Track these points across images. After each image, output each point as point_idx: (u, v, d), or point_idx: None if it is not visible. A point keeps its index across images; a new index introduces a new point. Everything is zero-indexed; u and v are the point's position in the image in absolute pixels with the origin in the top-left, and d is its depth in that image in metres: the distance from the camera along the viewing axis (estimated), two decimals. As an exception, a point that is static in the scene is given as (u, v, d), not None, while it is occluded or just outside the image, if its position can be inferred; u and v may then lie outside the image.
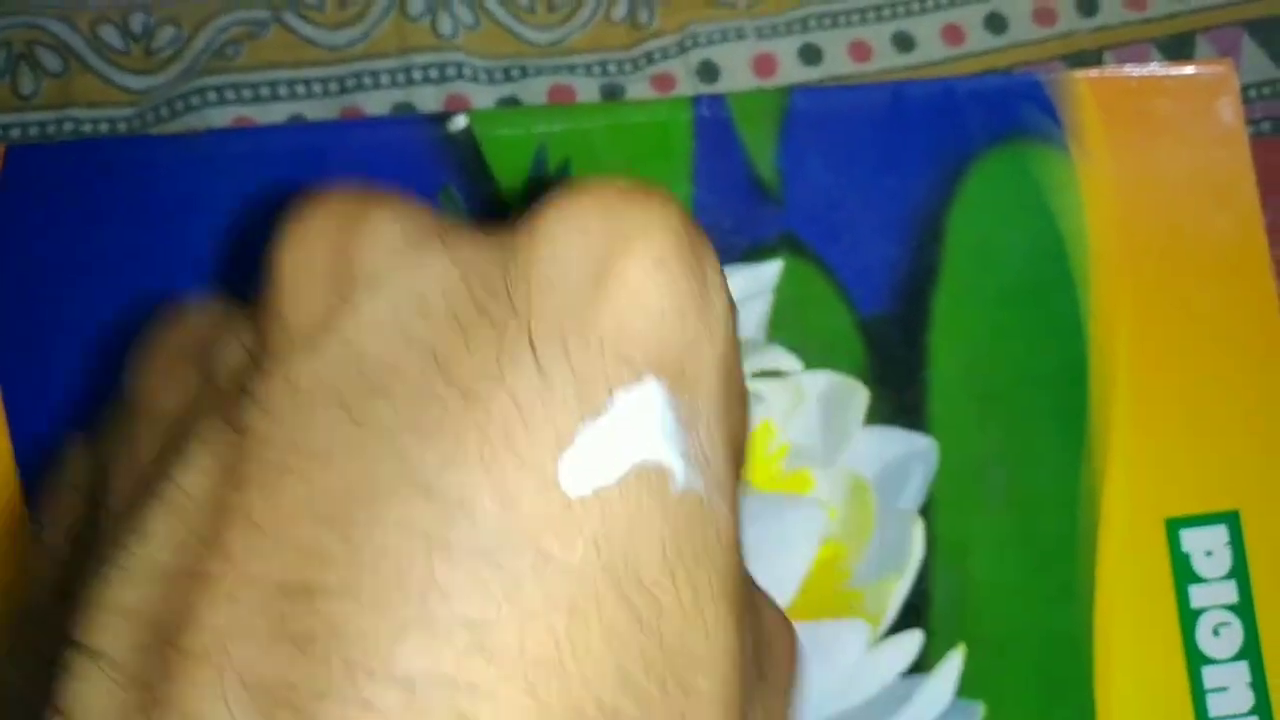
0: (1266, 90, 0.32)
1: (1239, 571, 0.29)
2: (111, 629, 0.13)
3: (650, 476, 0.13)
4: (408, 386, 0.13)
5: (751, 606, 0.16)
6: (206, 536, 0.13)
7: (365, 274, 0.14)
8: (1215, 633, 0.29)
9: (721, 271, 0.15)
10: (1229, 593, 0.29)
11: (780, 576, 0.29)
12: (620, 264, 0.14)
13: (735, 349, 0.15)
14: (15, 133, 0.30)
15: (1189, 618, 0.29)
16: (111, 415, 0.17)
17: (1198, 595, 0.29)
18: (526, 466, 0.13)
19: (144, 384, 0.16)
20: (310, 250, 0.15)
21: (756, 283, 0.30)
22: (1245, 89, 0.31)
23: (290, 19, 0.30)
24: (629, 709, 0.13)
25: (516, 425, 0.13)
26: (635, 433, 0.13)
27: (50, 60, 0.30)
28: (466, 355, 0.14)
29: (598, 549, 0.13)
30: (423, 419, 0.13)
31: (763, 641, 0.16)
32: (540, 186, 0.29)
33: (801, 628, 0.30)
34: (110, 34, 0.30)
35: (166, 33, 0.30)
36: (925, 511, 0.29)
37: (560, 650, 0.12)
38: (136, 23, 0.30)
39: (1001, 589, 0.29)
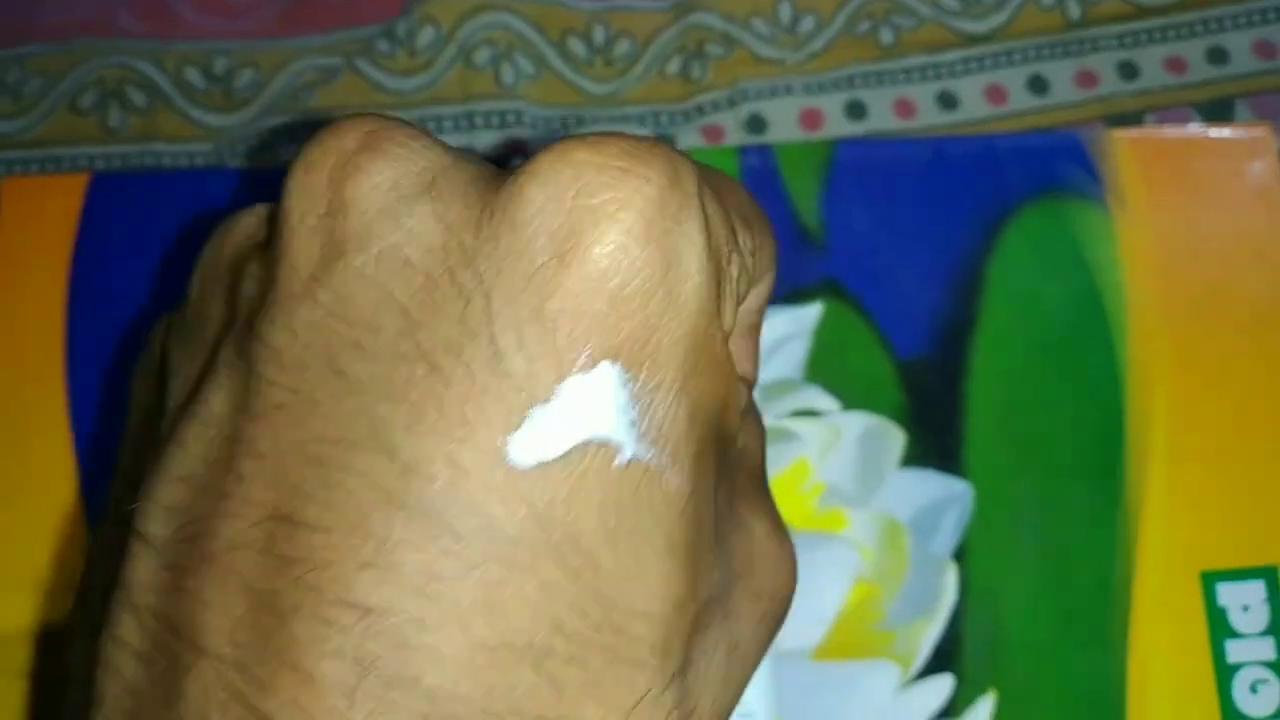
0: (1306, 154, 0.32)
1: (1277, 628, 0.29)
2: (158, 520, 0.15)
3: (595, 451, 0.14)
4: (383, 345, 0.15)
5: (737, 528, 0.17)
6: (224, 456, 0.15)
7: (357, 225, 0.15)
8: (1253, 690, 0.29)
9: (704, 233, 0.15)
10: (1267, 649, 0.29)
11: (812, 615, 0.29)
12: (585, 242, 0.14)
13: (709, 316, 0.15)
14: (100, 164, 0.32)
15: (1225, 673, 0.29)
16: (175, 313, 0.19)
17: (1235, 650, 0.29)
18: (477, 440, 0.14)
19: (196, 290, 0.18)
20: (313, 192, 0.16)
21: (797, 324, 0.31)
22: (1284, 152, 0.32)
23: (363, 65, 0.32)
24: (561, 647, 0.14)
25: (470, 401, 0.14)
26: (582, 414, 0.14)
27: (137, 98, 0.32)
28: (434, 322, 0.14)
29: (537, 516, 0.14)
30: (393, 380, 0.14)
31: (743, 570, 0.17)
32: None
33: (832, 668, 0.30)
34: (193, 75, 0.32)
35: (245, 75, 0.32)
36: (959, 556, 0.30)
37: (494, 597, 0.14)
38: (219, 65, 0.32)
39: (1034, 637, 0.29)
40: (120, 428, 0.24)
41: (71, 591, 0.27)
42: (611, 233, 0.15)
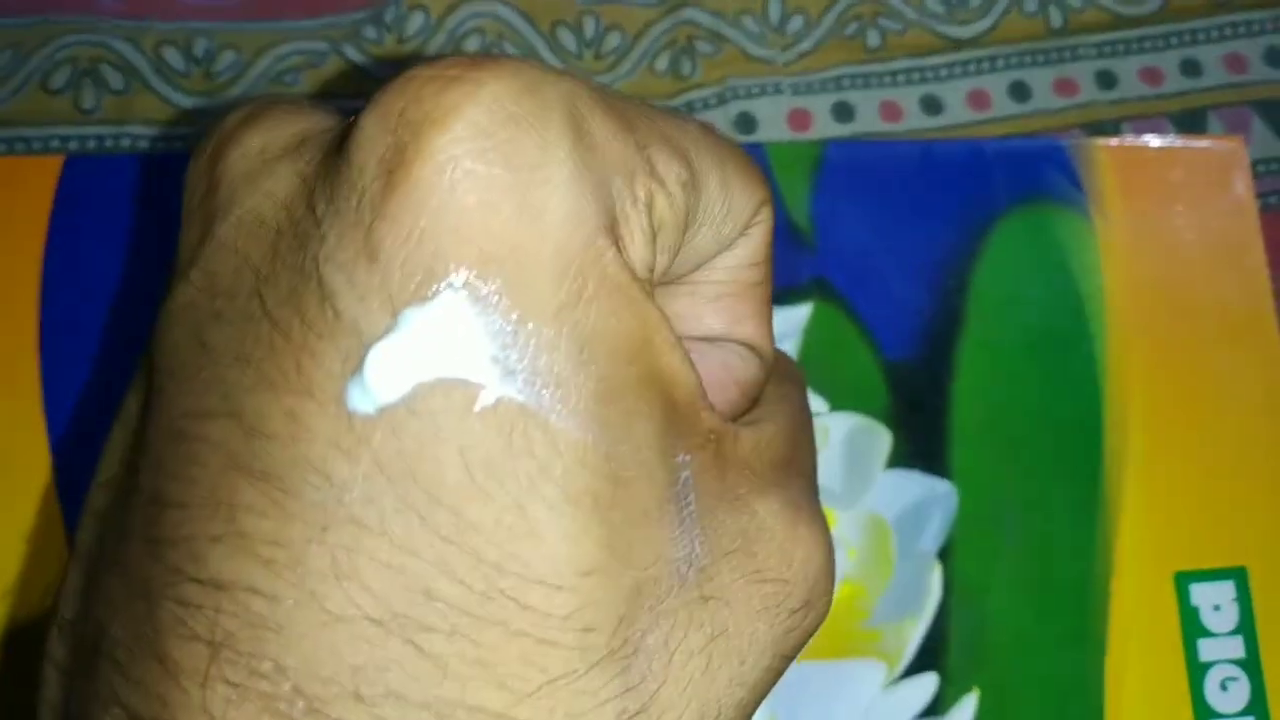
0: (1275, 166, 0.33)
1: (1246, 627, 0.30)
2: (88, 528, 0.15)
3: (449, 391, 0.13)
4: (235, 310, 0.14)
5: (731, 507, 0.15)
6: (132, 454, 0.15)
7: (224, 195, 0.14)
8: (1223, 687, 0.30)
9: (569, 143, 0.13)
10: (1237, 648, 0.30)
11: (800, 613, 0.29)
12: (409, 159, 0.13)
13: (588, 235, 0.13)
14: (74, 144, 0.30)
15: (1198, 671, 0.30)
16: None
17: (1206, 649, 0.30)
18: (313, 390, 0.13)
19: None
20: (196, 176, 0.15)
21: (786, 324, 0.31)
22: (1254, 164, 0.32)
23: (349, 51, 0.32)
24: (434, 618, 0.13)
25: (305, 349, 0.13)
26: (423, 347, 0.13)
27: (113, 78, 0.31)
28: (277, 275, 0.13)
29: (382, 469, 0.13)
30: (243, 343, 0.13)
31: (729, 548, 0.15)
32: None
33: (818, 667, 0.30)
34: (173, 56, 0.31)
35: (227, 57, 0.31)
36: (944, 555, 0.30)
37: (342, 564, 0.12)
38: (199, 46, 0.31)
39: (1016, 633, 0.30)
40: (97, 417, 0.23)
41: (49, 594, 0.26)
42: (439, 143, 0.13)
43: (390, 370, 0.13)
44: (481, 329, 0.13)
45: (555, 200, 0.13)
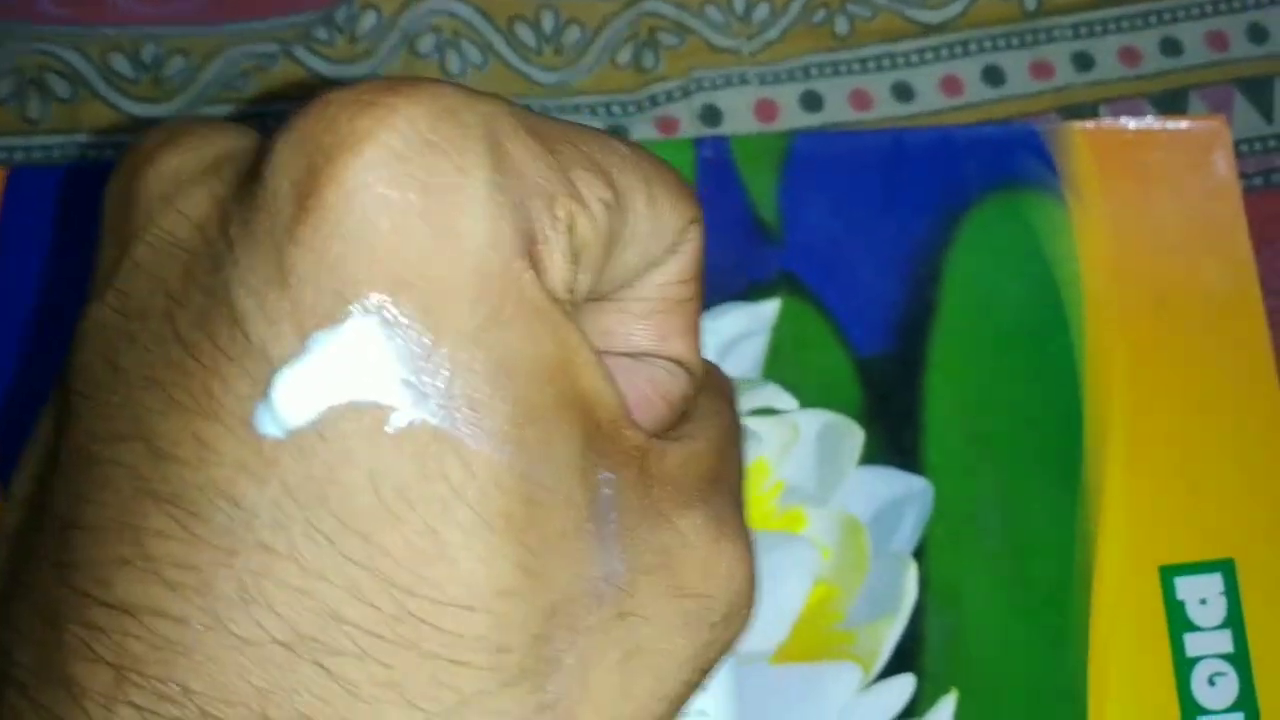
0: (1258, 146, 0.32)
1: (1234, 620, 0.29)
2: (2, 553, 0.15)
3: (359, 415, 0.13)
4: (148, 333, 0.14)
5: (653, 524, 0.15)
6: (45, 475, 0.15)
7: (139, 216, 0.14)
8: (1211, 682, 0.29)
9: (488, 166, 0.13)
10: (1224, 642, 0.29)
11: (772, 617, 0.29)
12: (321, 184, 0.13)
13: (505, 258, 0.13)
14: (20, 155, 0.30)
15: (1184, 667, 0.29)
16: None
17: (1193, 644, 0.29)
18: (221, 414, 0.13)
19: None
20: (114, 195, 0.15)
21: (754, 321, 0.30)
22: (1237, 144, 0.32)
23: (300, 53, 0.31)
24: (347, 643, 0.13)
25: (215, 373, 0.13)
26: (331, 372, 0.13)
27: (59, 86, 0.30)
28: (188, 297, 0.14)
29: (291, 492, 0.13)
30: (154, 366, 0.14)
31: (650, 566, 0.15)
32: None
33: (792, 670, 0.30)
34: (120, 62, 0.31)
35: (176, 63, 0.31)
36: (919, 554, 0.29)
37: (250, 588, 0.13)
38: (147, 52, 0.31)
39: (995, 633, 0.29)
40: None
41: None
42: (351, 168, 0.13)
43: (299, 394, 0.13)
44: (393, 353, 0.13)
45: (471, 223, 0.13)
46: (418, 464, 0.13)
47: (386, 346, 0.13)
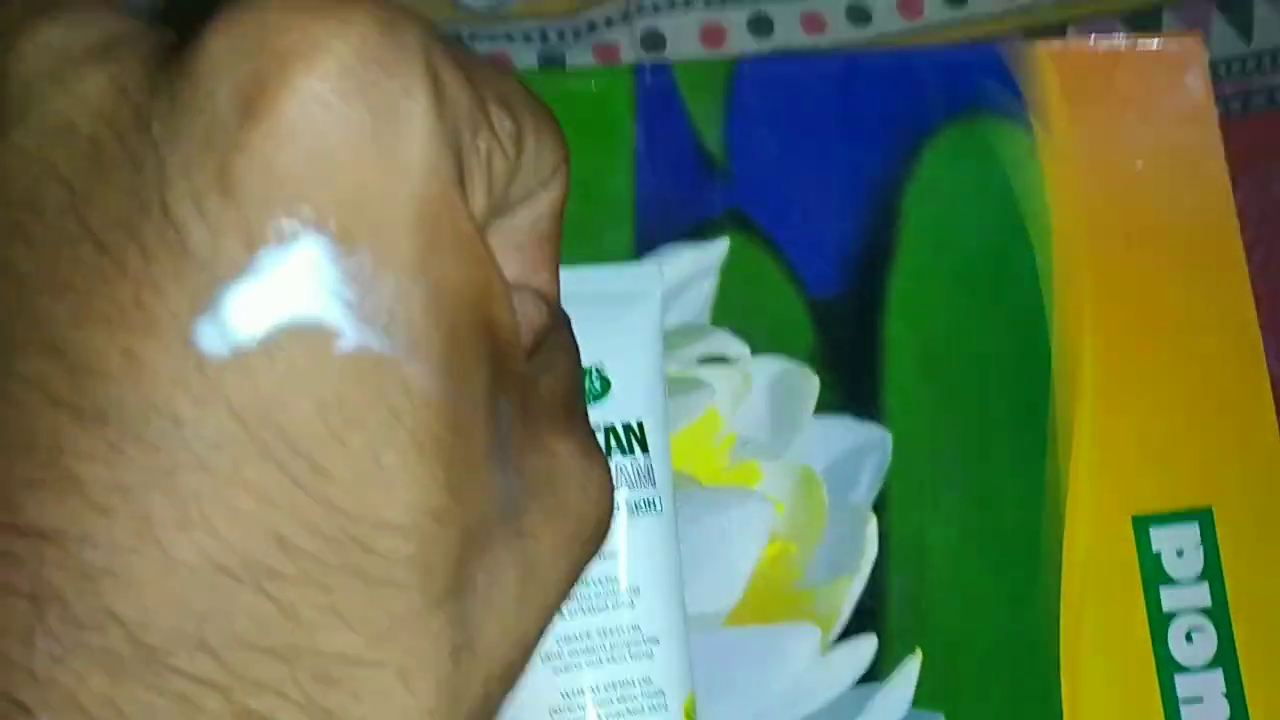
0: (1236, 67, 0.30)
1: (1212, 573, 0.28)
2: None
3: (305, 337, 0.13)
4: (45, 228, 0.13)
5: (535, 449, 0.15)
6: None
7: (17, 93, 0.13)
8: (1188, 638, 0.27)
9: (429, 92, 0.13)
10: (1202, 596, 0.28)
11: (725, 576, 0.27)
12: (272, 92, 0.12)
13: (443, 186, 0.13)
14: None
15: (1160, 622, 0.28)
16: None
17: (1169, 598, 0.28)
18: (158, 329, 0.12)
19: None
20: None
21: (702, 262, 0.28)
22: (1214, 65, 0.30)
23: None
24: (290, 568, 0.13)
25: (146, 282, 0.12)
26: (284, 293, 0.12)
27: None
28: (101, 195, 0.13)
29: (237, 414, 0.12)
30: (57, 268, 0.13)
31: (540, 488, 0.15)
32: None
33: (748, 632, 0.28)
34: None
35: None
36: (879, 507, 0.28)
37: (194, 513, 0.12)
38: None
39: (961, 590, 0.27)
40: None
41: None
42: (306, 79, 0.13)
43: (248, 311, 0.12)
44: (340, 275, 0.13)
45: (416, 150, 0.13)
46: (362, 389, 0.13)
47: (333, 268, 0.13)
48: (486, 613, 0.14)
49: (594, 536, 0.16)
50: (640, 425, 0.26)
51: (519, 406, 0.15)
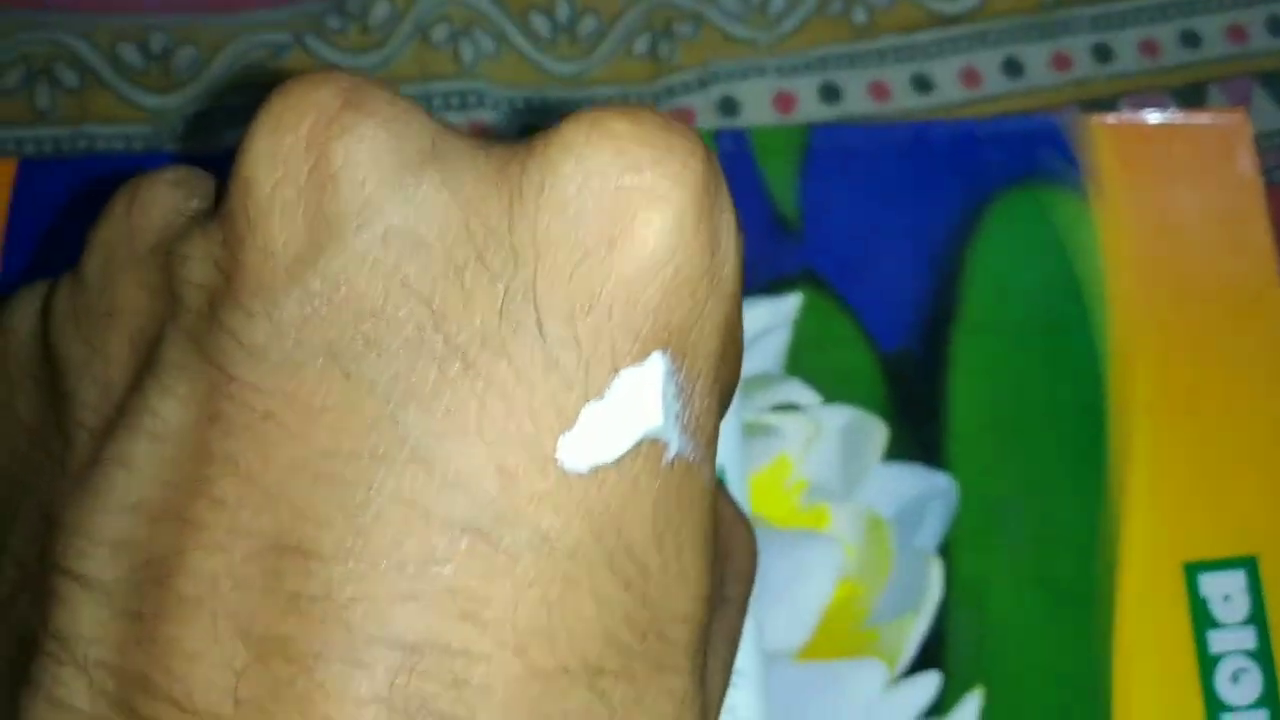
0: (1277, 139, 0.32)
1: (1258, 617, 0.29)
2: (98, 559, 0.13)
3: (647, 450, 0.13)
4: (402, 341, 0.13)
5: (719, 521, 0.16)
6: (193, 478, 0.13)
7: (352, 199, 0.13)
8: (1235, 679, 0.29)
9: (734, 216, 0.14)
10: (1248, 638, 0.29)
11: (797, 614, 0.29)
12: (637, 224, 0.13)
13: (736, 301, 0.14)
14: (30, 147, 0.29)
15: (1208, 663, 0.29)
16: (60, 295, 0.15)
17: (1216, 641, 0.29)
18: (526, 444, 0.13)
19: (97, 273, 0.15)
20: (287, 157, 0.13)
21: (776, 316, 0.30)
22: (1257, 138, 0.31)
23: (312, 42, 0.30)
24: (612, 663, 0.13)
25: (518, 400, 0.13)
26: (637, 411, 0.13)
27: (68, 77, 0.30)
28: (465, 312, 0.13)
29: (592, 525, 0.13)
30: (419, 381, 0.13)
31: (724, 554, 0.16)
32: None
33: (817, 668, 0.29)
34: (130, 53, 0.30)
35: (186, 53, 0.30)
36: (944, 551, 0.29)
37: (551, 618, 0.13)
38: (156, 42, 0.30)
39: (1020, 630, 0.29)
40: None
41: None
42: (666, 215, 0.13)
43: (608, 430, 0.13)
44: (674, 390, 0.13)
45: (730, 274, 0.14)
46: (678, 494, 0.13)
47: (671, 384, 0.13)
48: (711, 680, 0.15)
49: (749, 594, 0.17)
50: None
51: None
